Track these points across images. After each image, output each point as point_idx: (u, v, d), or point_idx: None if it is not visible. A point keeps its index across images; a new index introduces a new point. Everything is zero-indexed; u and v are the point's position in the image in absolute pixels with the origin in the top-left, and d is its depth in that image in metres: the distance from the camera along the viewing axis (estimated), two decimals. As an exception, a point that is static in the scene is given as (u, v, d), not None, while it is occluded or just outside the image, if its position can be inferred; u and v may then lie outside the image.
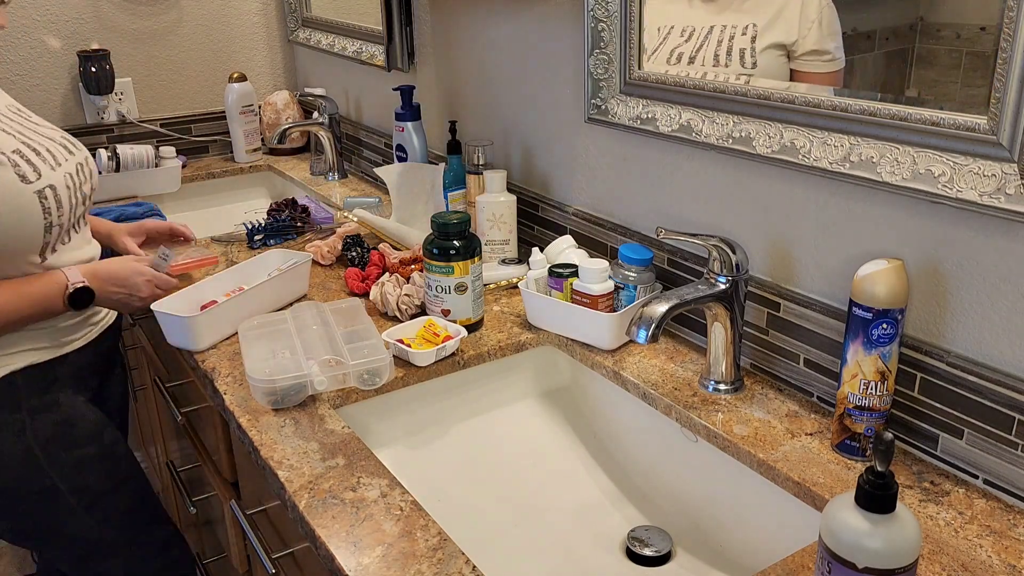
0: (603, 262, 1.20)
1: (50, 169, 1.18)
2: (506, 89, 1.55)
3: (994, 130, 0.81)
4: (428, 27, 1.77)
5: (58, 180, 1.19)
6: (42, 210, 1.16)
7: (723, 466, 1.02)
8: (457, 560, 0.81)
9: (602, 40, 1.24)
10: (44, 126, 1.28)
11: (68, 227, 1.23)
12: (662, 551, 1.02)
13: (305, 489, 0.92)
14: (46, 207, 1.16)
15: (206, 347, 1.24)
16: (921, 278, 0.93)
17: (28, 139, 1.20)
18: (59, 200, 1.18)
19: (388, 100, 1.94)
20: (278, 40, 2.43)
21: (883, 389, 0.91)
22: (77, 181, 1.24)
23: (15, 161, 1.14)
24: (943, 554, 0.81)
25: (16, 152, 1.15)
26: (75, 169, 1.25)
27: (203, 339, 1.23)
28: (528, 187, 1.55)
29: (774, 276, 1.11)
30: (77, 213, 1.25)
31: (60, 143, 1.26)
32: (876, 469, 0.65)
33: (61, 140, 1.27)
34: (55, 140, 1.25)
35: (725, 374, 1.09)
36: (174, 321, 1.22)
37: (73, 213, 1.23)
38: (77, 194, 1.24)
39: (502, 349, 1.24)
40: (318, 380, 1.07)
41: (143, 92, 2.27)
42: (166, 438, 1.88)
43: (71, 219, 1.23)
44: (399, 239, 1.56)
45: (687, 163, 1.20)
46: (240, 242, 1.66)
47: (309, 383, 1.07)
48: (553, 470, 1.18)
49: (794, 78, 1.05)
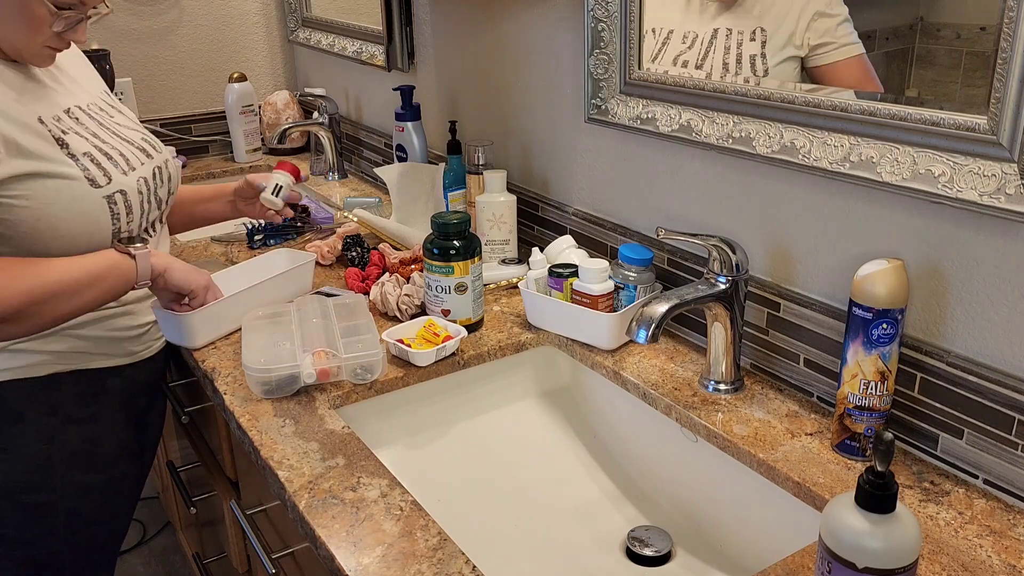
0: (603, 262, 1.20)
1: (121, 174, 1.15)
2: (506, 89, 1.55)
3: (994, 130, 0.81)
4: (428, 27, 1.77)
5: (130, 185, 1.16)
6: (111, 215, 1.13)
7: (723, 466, 1.02)
8: (457, 560, 0.81)
9: (602, 40, 1.24)
10: (127, 125, 1.24)
11: (139, 231, 1.19)
12: (662, 551, 1.02)
13: (305, 489, 0.92)
14: (115, 212, 1.13)
15: (201, 345, 1.24)
16: (921, 278, 0.93)
17: (102, 142, 1.16)
18: (129, 205, 1.15)
19: (388, 100, 1.94)
20: (278, 40, 2.43)
21: (883, 389, 0.91)
22: (152, 185, 1.20)
23: (84, 165, 1.11)
24: (943, 554, 0.81)
25: (87, 155, 1.12)
26: (152, 173, 1.21)
27: (198, 337, 1.23)
28: (528, 187, 1.55)
29: (774, 276, 1.11)
30: (151, 217, 1.22)
31: (139, 145, 1.22)
32: (876, 469, 0.65)
33: (140, 142, 1.23)
34: (133, 142, 1.21)
35: (725, 374, 1.09)
36: (169, 318, 1.21)
37: (146, 218, 1.20)
38: (152, 199, 1.21)
39: (502, 349, 1.24)
40: (307, 373, 1.08)
41: (143, 92, 2.27)
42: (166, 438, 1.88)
43: (143, 223, 1.20)
44: (399, 239, 1.56)
45: (687, 163, 1.20)
46: (240, 242, 1.66)
47: (300, 374, 1.08)
48: (553, 470, 1.18)
49: (815, 78, 1.01)
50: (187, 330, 1.21)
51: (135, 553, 2.28)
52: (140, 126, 1.28)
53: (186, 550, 2.03)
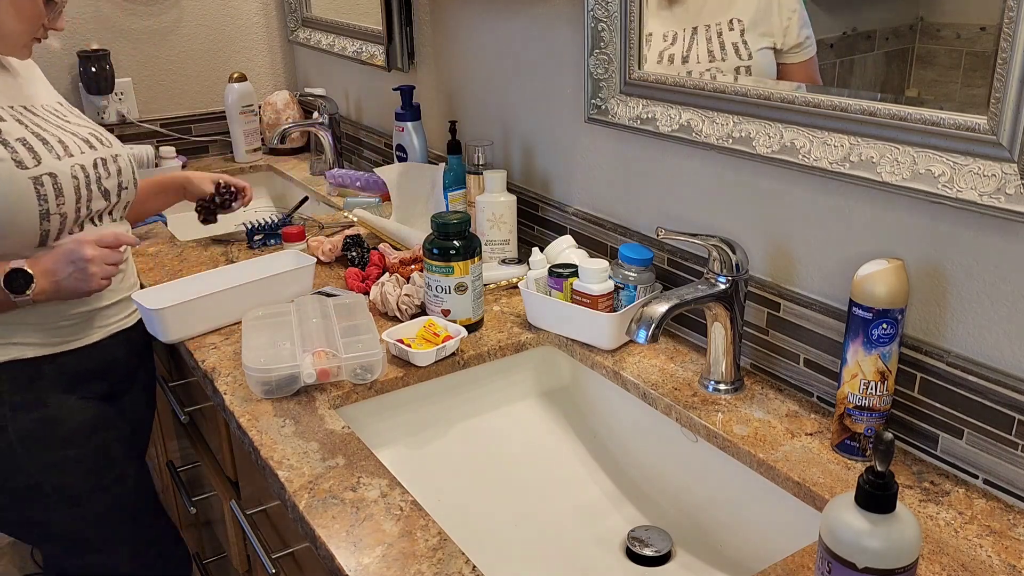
0: (603, 262, 1.20)
1: (55, 158, 1.19)
2: (506, 89, 1.55)
3: (994, 130, 0.81)
4: (428, 27, 1.77)
5: (62, 169, 1.19)
6: (37, 196, 1.16)
7: (723, 466, 1.02)
8: (457, 560, 0.81)
9: (602, 40, 1.24)
10: (78, 123, 1.29)
11: (81, 218, 1.23)
12: (662, 551, 1.02)
13: (305, 489, 0.92)
14: (41, 194, 1.16)
15: (173, 340, 1.26)
16: (921, 278, 0.93)
17: (43, 130, 1.21)
18: (60, 188, 1.18)
19: (388, 100, 1.94)
20: (278, 40, 2.43)
21: (883, 389, 0.91)
22: (94, 175, 1.24)
23: (14, 148, 1.15)
24: (943, 554, 0.81)
25: (20, 140, 1.16)
26: (93, 162, 1.24)
27: (170, 332, 1.24)
28: (528, 187, 1.55)
29: (774, 276, 1.11)
30: (95, 207, 1.25)
31: (83, 137, 1.26)
32: (876, 469, 0.65)
33: (87, 135, 1.27)
34: (78, 134, 1.26)
35: (725, 374, 1.09)
36: (145, 312, 1.24)
37: (87, 206, 1.23)
38: (92, 186, 1.23)
39: (502, 349, 1.24)
40: (307, 373, 1.08)
41: (143, 92, 2.27)
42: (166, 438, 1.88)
43: (83, 211, 1.23)
44: (399, 239, 1.56)
45: (687, 163, 1.20)
46: (240, 242, 1.66)
47: (300, 374, 1.08)
48: (553, 470, 1.18)
49: (781, 73, 1.07)
50: (159, 324, 1.23)
51: (135, 553, 2.27)
52: (96, 126, 1.33)
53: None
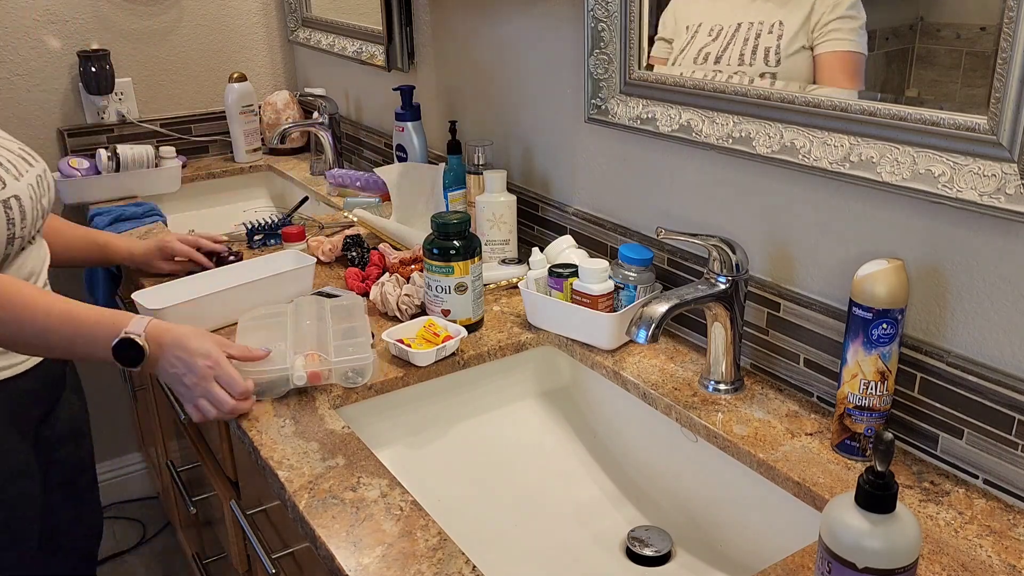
0: (603, 262, 1.20)
1: (14, 179, 1.13)
2: (506, 89, 1.55)
3: (994, 130, 0.81)
4: (428, 27, 1.77)
5: (22, 190, 1.13)
6: (6, 221, 1.09)
7: (723, 466, 1.02)
8: (457, 560, 0.81)
9: (602, 40, 1.24)
10: (6, 139, 1.21)
11: (27, 240, 1.16)
12: (662, 551, 1.02)
13: (305, 489, 0.92)
14: (10, 217, 1.10)
15: None
16: (921, 278, 0.93)
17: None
18: (24, 210, 1.12)
19: (388, 100, 1.94)
20: (278, 40, 2.43)
21: (883, 389, 0.91)
22: (38, 193, 1.18)
23: None
24: (943, 554, 0.81)
25: None
26: (36, 181, 1.18)
27: None
28: (528, 187, 1.55)
29: (774, 276, 1.11)
30: (37, 226, 1.19)
31: (18, 154, 1.19)
32: (876, 469, 0.65)
33: (19, 151, 1.20)
34: (13, 151, 1.19)
35: (725, 374, 1.09)
36: (145, 312, 1.23)
37: (34, 226, 1.17)
38: (38, 206, 1.17)
39: (502, 349, 1.24)
40: (298, 375, 1.08)
41: (143, 92, 2.27)
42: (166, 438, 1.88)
43: (30, 232, 1.16)
44: (399, 239, 1.56)
45: (687, 163, 1.20)
46: (240, 242, 1.66)
47: (291, 376, 1.08)
48: (553, 470, 1.18)
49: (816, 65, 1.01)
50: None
51: (135, 553, 2.28)
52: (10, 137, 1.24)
53: (186, 550, 2.03)
